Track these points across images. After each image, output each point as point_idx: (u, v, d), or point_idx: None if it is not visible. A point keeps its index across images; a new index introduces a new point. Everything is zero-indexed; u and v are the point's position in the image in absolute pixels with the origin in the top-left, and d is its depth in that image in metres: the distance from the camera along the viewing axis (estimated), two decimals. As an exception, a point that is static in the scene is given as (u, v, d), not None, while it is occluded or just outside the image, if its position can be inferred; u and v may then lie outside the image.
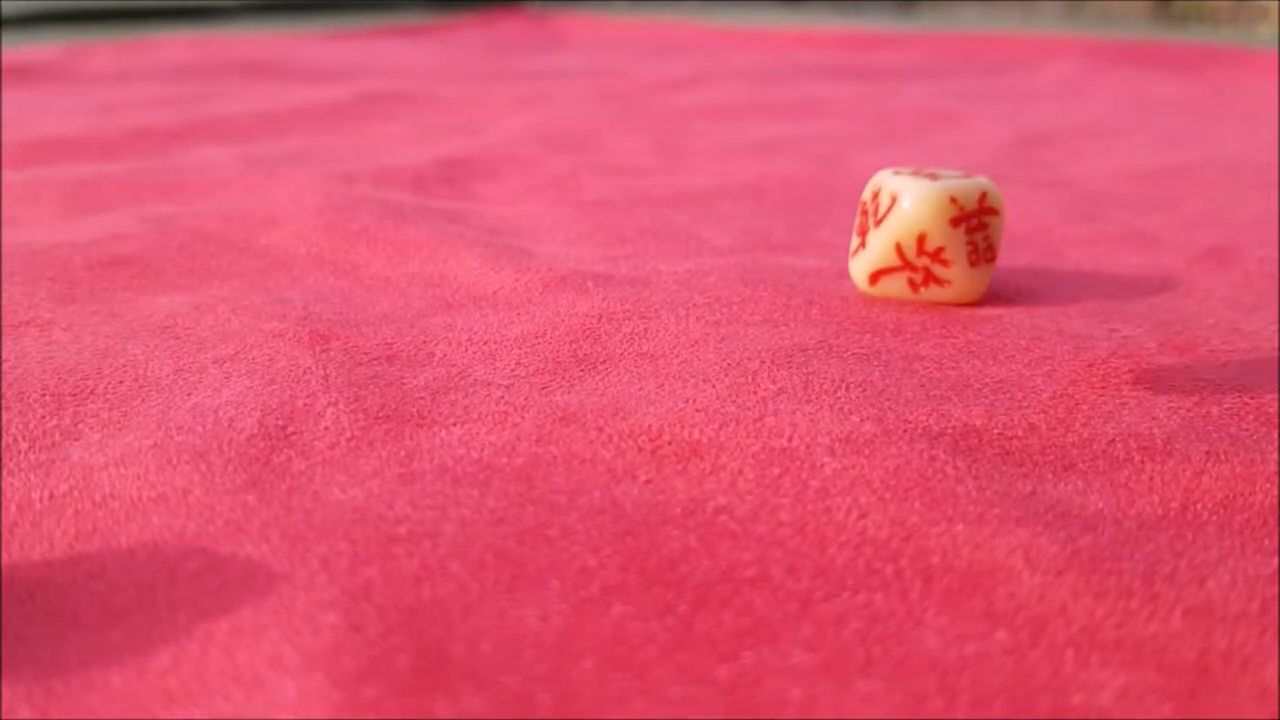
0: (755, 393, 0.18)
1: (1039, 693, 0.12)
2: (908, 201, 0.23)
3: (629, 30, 1.00)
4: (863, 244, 0.24)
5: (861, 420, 0.17)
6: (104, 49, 0.78)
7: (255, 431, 0.17)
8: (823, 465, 0.16)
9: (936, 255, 0.23)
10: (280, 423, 0.18)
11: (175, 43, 0.83)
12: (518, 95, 0.58)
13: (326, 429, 0.18)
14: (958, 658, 0.12)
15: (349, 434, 0.17)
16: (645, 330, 0.22)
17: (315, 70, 0.69)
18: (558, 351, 0.21)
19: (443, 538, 0.14)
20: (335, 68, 0.70)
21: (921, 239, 0.23)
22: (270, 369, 0.20)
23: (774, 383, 0.19)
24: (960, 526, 0.14)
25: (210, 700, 0.11)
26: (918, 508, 0.15)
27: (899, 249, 0.23)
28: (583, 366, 0.20)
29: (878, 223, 0.23)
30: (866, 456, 0.16)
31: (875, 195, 0.24)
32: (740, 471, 0.16)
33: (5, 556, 0.14)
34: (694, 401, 0.18)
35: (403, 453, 0.17)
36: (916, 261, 0.23)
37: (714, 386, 0.19)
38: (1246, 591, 0.13)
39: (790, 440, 0.17)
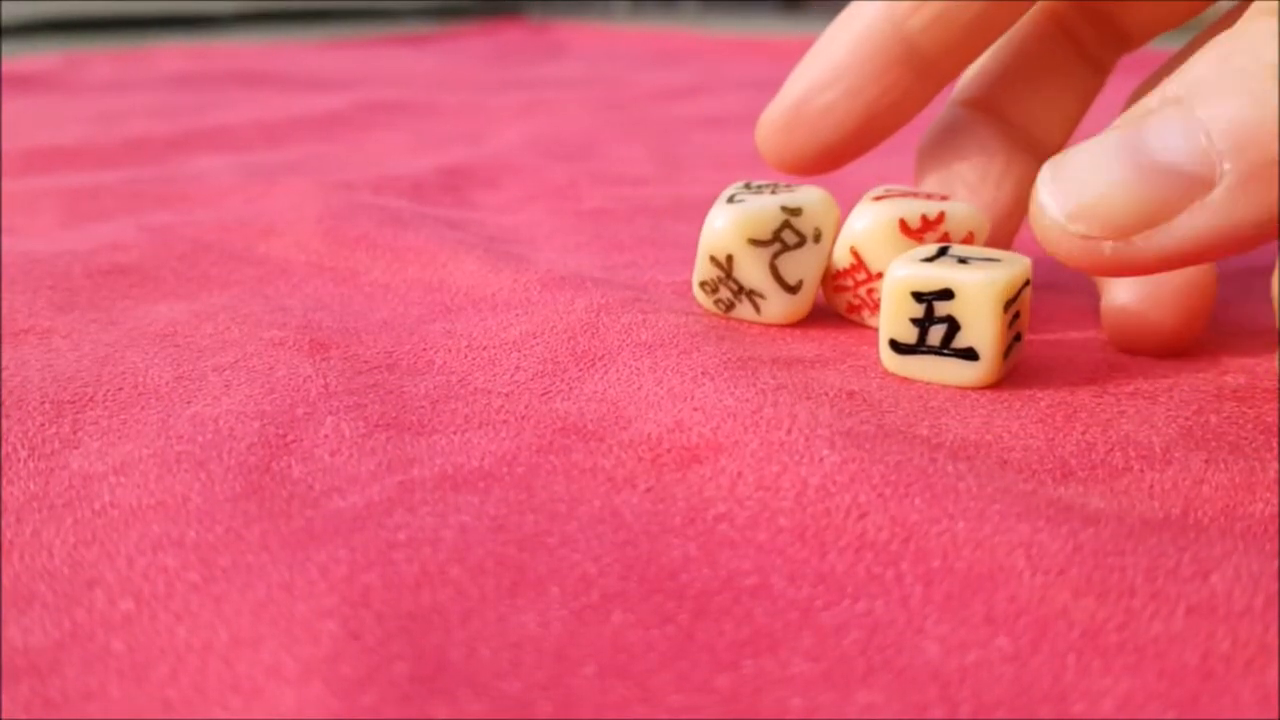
0: (755, 385, 0.18)
1: (1040, 701, 0.12)
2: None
3: (628, 39, 1.00)
4: None
5: (861, 421, 0.17)
6: (102, 58, 0.78)
7: (255, 439, 0.17)
8: (823, 459, 0.16)
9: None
10: (280, 431, 0.18)
11: (174, 52, 0.83)
12: (517, 104, 0.58)
13: (326, 437, 0.18)
14: (959, 666, 0.12)
15: (349, 441, 0.17)
16: (644, 322, 0.21)
17: (314, 79, 0.69)
18: (556, 351, 0.21)
19: (442, 544, 0.14)
20: (334, 77, 0.70)
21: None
22: (270, 377, 0.20)
23: (774, 378, 0.19)
24: (961, 524, 0.14)
25: (209, 710, 0.11)
26: (918, 504, 0.15)
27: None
28: (581, 365, 0.20)
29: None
30: (867, 451, 0.16)
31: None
32: (740, 474, 0.16)
33: (5, 566, 0.14)
34: (693, 399, 0.18)
35: (402, 460, 0.17)
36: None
37: (713, 380, 0.19)
38: (1251, 586, 0.13)
39: (789, 433, 0.17)
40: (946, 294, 0.19)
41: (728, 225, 0.21)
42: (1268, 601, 0.13)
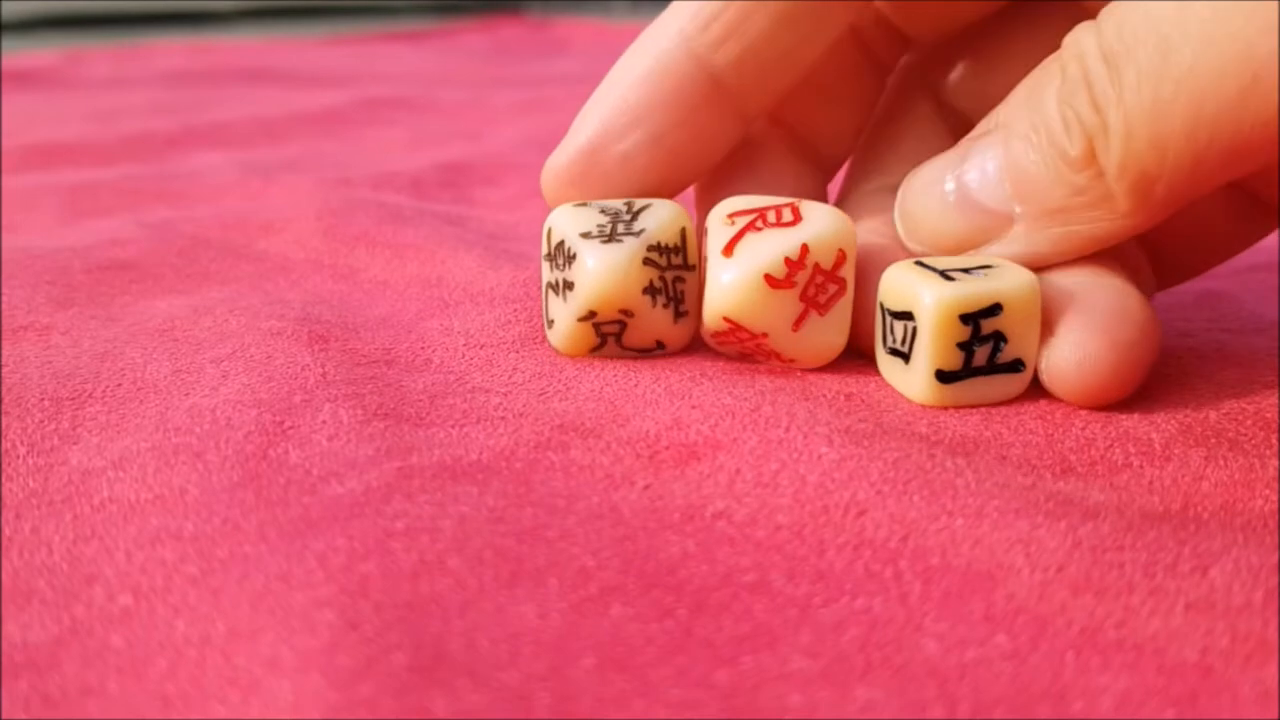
0: (753, 385, 0.18)
1: (1039, 699, 0.12)
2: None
3: (628, 37, 1.00)
4: None
5: (859, 420, 0.17)
6: (102, 55, 0.78)
7: (252, 427, 0.17)
8: (820, 456, 0.16)
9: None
10: (277, 417, 0.18)
11: (173, 49, 0.83)
12: (517, 101, 0.58)
13: (324, 423, 0.17)
14: (957, 664, 0.12)
15: (347, 427, 0.17)
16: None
17: (314, 76, 0.69)
18: (554, 351, 0.21)
19: (441, 533, 0.14)
20: (334, 73, 0.70)
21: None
22: (268, 366, 0.20)
23: (771, 381, 0.19)
24: (960, 521, 0.14)
25: (206, 704, 0.11)
26: (916, 501, 0.15)
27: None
28: (579, 363, 0.20)
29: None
30: (865, 448, 0.16)
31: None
32: (738, 471, 0.16)
33: (4, 562, 0.14)
34: (690, 397, 0.18)
35: (401, 448, 0.17)
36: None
37: (711, 380, 0.19)
38: (1251, 580, 0.13)
39: (788, 430, 0.17)
40: (994, 309, 0.18)
41: (608, 292, 0.19)
42: (1267, 596, 0.13)
